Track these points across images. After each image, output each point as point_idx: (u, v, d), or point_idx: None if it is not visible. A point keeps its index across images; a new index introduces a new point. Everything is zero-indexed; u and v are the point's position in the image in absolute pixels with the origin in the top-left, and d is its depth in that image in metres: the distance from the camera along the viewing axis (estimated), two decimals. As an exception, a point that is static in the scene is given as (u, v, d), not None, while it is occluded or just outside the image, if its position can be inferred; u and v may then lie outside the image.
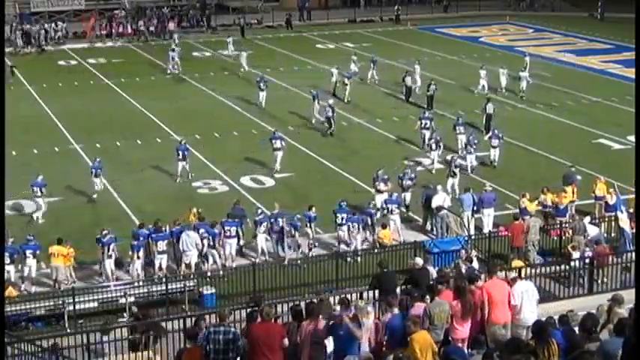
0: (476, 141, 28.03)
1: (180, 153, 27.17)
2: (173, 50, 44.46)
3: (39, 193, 24.44)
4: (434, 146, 28.18)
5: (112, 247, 20.17)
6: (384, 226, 22.42)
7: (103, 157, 29.57)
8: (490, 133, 29.19)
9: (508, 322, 13.39)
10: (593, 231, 20.86)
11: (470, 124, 32.72)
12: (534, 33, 56.57)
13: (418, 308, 13.05)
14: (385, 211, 22.80)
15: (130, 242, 20.43)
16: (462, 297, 12.91)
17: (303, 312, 12.93)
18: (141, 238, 20.37)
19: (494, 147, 28.22)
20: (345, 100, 36.73)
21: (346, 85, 37.08)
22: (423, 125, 30.77)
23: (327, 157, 29.62)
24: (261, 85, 35.77)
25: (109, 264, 20.21)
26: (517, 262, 18.01)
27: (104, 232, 20.47)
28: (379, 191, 23.76)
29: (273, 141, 28.25)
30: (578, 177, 24.94)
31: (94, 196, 26.05)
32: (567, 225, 21.64)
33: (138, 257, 20.12)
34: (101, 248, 20.25)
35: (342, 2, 67.52)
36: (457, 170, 25.63)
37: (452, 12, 64.64)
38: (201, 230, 20.98)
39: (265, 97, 35.62)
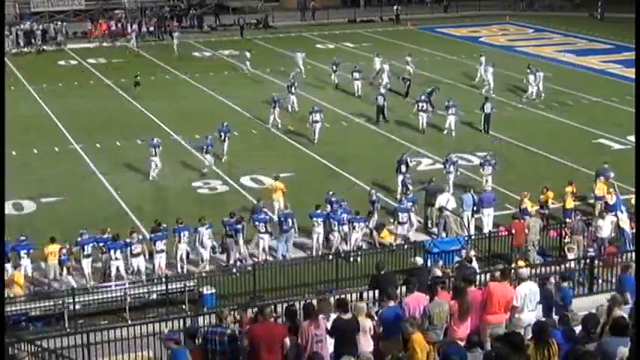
0: (455, 159, 26.18)
1: (222, 134, 28.96)
2: (249, 50, 44.55)
3: (154, 153, 27.09)
4: (401, 176, 25.05)
5: (88, 247, 20.13)
6: (382, 227, 22.43)
7: (103, 157, 29.72)
8: (482, 160, 26.35)
9: (502, 323, 13.38)
10: (607, 230, 20.80)
11: (469, 124, 32.90)
12: (534, 33, 56.59)
13: (415, 299, 13.07)
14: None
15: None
16: (460, 297, 12.91)
17: (297, 312, 12.88)
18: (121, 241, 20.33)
19: (486, 175, 25.62)
20: (356, 95, 37.94)
21: (358, 79, 38.10)
22: (419, 108, 32.36)
23: (327, 157, 29.62)
24: (292, 89, 35.38)
25: (87, 265, 20.17)
26: (521, 263, 18.01)
27: (81, 232, 20.49)
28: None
29: (313, 115, 31.05)
30: (612, 173, 24.65)
31: (204, 170, 27.69)
32: (567, 225, 21.61)
33: (114, 258, 20.04)
34: (79, 248, 20.25)
35: (342, 2, 67.54)
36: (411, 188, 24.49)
37: (452, 12, 64.64)
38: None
39: (295, 101, 35.25)
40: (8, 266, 19.67)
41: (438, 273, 16.73)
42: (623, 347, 9.67)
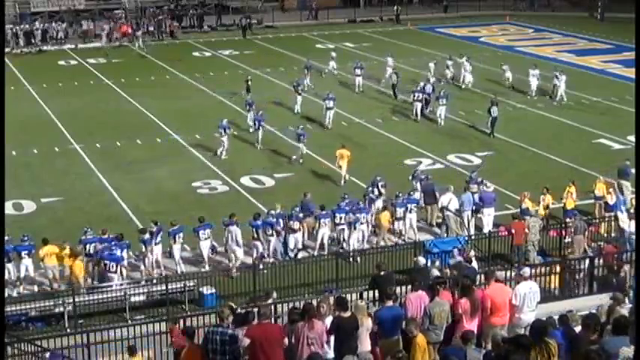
0: (422, 176, 24.47)
1: (257, 123, 30.54)
2: (334, 50, 43.72)
3: (223, 133, 29.30)
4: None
5: (90, 247, 20.10)
6: (383, 209, 22.34)
7: (103, 157, 29.72)
8: (467, 177, 24.56)
9: (506, 324, 13.40)
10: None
11: (473, 127, 32.95)
12: (534, 33, 56.58)
13: (417, 297, 13.09)
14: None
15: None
16: (468, 295, 12.94)
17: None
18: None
19: (473, 193, 23.47)
20: (357, 90, 38.71)
21: (359, 75, 38.79)
22: (415, 98, 34.14)
23: (327, 157, 29.57)
24: (299, 89, 35.50)
25: (90, 262, 20.10)
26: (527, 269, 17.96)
27: (85, 230, 20.49)
28: (293, 230, 21.57)
29: (326, 101, 32.87)
30: (632, 170, 24.46)
31: (300, 160, 28.60)
32: (571, 224, 21.50)
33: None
34: (82, 247, 20.15)
35: (342, 2, 67.56)
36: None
37: (452, 12, 64.61)
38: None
39: (301, 102, 35.23)
40: (10, 266, 19.66)
41: (436, 273, 16.74)
42: (626, 347, 9.65)
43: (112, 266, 19.49)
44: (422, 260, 18.15)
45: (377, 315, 12.86)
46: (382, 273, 16.78)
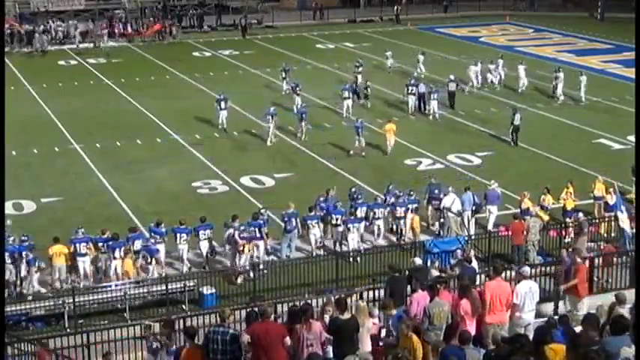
0: (399, 193, 23.29)
1: (301, 115, 31.70)
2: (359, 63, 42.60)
3: (270, 120, 30.68)
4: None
5: (80, 246, 20.00)
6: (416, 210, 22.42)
7: (103, 157, 29.72)
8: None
9: (504, 322, 13.40)
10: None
11: (465, 124, 32.92)
12: (534, 33, 56.59)
13: (423, 297, 13.10)
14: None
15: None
16: (468, 295, 12.95)
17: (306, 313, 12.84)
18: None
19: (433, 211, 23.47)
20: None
21: (359, 74, 39.26)
22: (409, 91, 35.09)
23: (327, 157, 29.59)
24: (297, 89, 35.41)
25: (82, 264, 20.04)
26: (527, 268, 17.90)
27: (76, 230, 20.42)
28: (241, 250, 20.63)
29: (343, 92, 34.45)
30: None
31: (362, 152, 29.41)
32: (579, 224, 21.42)
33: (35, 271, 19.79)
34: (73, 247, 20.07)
35: (342, 2, 67.57)
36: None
37: (452, 12, 64.63)
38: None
39: (300, 102, 35.06)
40: (12, 267, 19.64)
41: (436, 273, 16.74)
42: (627, 347, 9.67)
43: (148, 258, 19.89)
44: (417, 261, 18.14)
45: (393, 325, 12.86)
46: (396, 274, 16.70)
